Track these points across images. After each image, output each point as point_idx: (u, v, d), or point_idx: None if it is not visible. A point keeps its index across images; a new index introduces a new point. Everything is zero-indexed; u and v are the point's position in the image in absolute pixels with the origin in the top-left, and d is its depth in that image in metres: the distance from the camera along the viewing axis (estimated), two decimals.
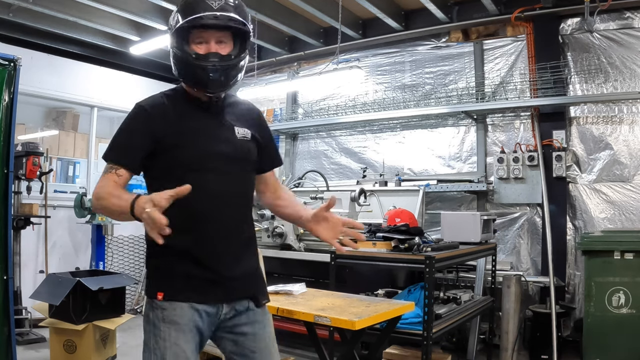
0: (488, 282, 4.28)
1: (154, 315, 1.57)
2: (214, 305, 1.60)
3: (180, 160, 1.58)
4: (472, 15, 5.01)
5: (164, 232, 1.28)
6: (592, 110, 4.54)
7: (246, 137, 1.68)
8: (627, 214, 4.33)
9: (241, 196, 1.68)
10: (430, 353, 2.90)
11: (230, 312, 1.63)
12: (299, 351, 4.17)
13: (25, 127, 6.10)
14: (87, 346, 3.74)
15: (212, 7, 1.53)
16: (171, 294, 1.56)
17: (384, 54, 5.74)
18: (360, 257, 3.28)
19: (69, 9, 5.03)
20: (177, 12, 1.58)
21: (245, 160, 1.69)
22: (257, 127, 1.75)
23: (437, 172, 5.29)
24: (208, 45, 1.57)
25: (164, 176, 1.58)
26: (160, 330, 1.54)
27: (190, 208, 1.51)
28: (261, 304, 1.70)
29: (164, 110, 1.61)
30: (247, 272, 1.68)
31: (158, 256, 1.59)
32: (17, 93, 3.38)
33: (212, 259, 1.59)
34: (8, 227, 3.34)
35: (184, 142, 1.59)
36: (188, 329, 1.55)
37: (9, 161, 3.31)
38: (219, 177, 1.60)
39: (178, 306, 1.55)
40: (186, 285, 1.56)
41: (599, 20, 4.45)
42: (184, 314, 1.55)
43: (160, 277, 1.60)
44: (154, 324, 1.56)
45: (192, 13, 1.53)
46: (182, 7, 1.57)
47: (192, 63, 1.56)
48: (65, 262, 5.39)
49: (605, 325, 3.61)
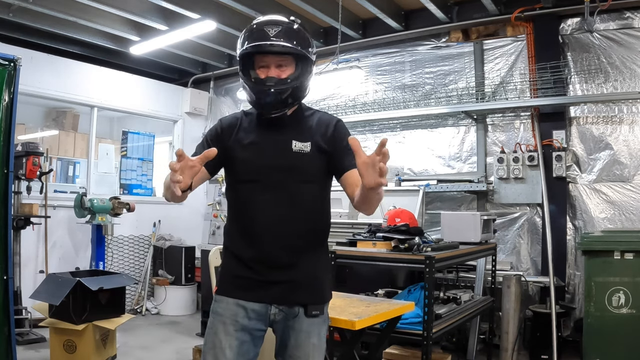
0: (488, 282, 4.28)
1: (212, 307, 1.77)
2: (262, 304, 1.70)
3: (233, 171, 1.77)
4: (472, 15, 5.01)
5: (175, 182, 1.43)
6: (592, 110, 4.54)
7: (303, 150, 1.74)
8: (627, 214, 4.33)
9: (293, 204, 1.72)
10: (430, 353, 2.89)
11: (280, 314, 1.71)
12: None
13: (25, 127, 6.11)
14: (87, 346, 3.74)
15: (269, 34, 1.66)
16: (222, 289, 1.76)
17: (384, 54, 5.74)
18: (360, 257, 3.28)
19: (69, 9, 5.03)
20: (241, 37, 1.72)
21: (298, 171, 1.73)
22: (326, 137, 1.76)
23: (437, 172, 5.29)
24: (268, 70, 1.69)
25: (228, 184, 1.82)
26: (210, 320, 1.74)
27: (241, 215, 1.75)
28: (310, 313, 1.71)
29: (235, 124, 1.80)
30: (298, 279, 1.72)
31: (222, 257, 1.86)
32: (17, 93, 3.38)
33: (259, 263, 1.70)
34: (8, 227, 3.34)
35: (237, 155, 1.75)
36: (230, 322, 1.69)
37: (9, 161, 3.31)
38: (267, 187, 1.71)
39: (225, 300, 1.72)
40: (234, 283, 1.73)
41: (599, 20, 4.45)
42: (229, 308, 1.70)
43: (220, 274, 1.82)
44: (211, 315, 1.76)
45: (251, 41, 1.67)
46: (245, 33, 1.72)
47: (251, 86, 1.71)
48: (65, 262, 5.39)
49: (605, 325, 3.61)
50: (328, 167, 1.77)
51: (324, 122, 1.81)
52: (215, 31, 5.51)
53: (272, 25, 1.69)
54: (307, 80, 1.76)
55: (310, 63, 1.75)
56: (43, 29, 5.40)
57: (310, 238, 1.76)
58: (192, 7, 4.96)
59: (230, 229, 1.80)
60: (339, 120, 1.84)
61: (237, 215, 1.77)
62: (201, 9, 5.04)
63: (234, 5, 4.90)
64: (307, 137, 1.76)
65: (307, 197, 1.75)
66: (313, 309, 1.72)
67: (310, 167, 1.75)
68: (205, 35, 5.65)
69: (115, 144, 6.62)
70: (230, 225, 1.81)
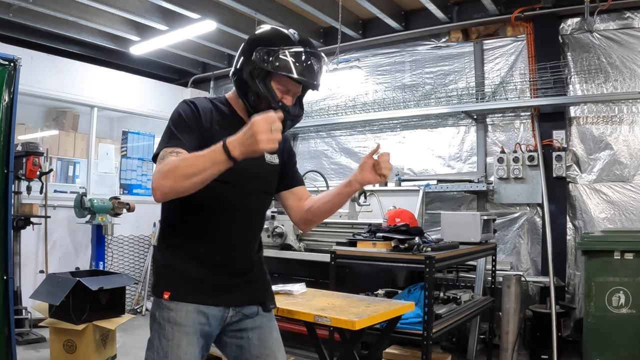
0: (488, 282, 4.28)
1: (160, 315, 1.59)
2: (221, 307, 1.64)
3: None
4: (472, 15, 5.01)
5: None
6: (592, 110, 4.54)
7: (273, 162, 1.76)
8: (627, 214, 4.33)
9: (259, 212, 1.76)
10: (430, 353, 2.90)
11: (236, 316, 1.68)
12: (299, 351, 4.16)
13: (25, 127, 6.11)
14: (87, 346, 3.74)
15: (315, 69, 1.60)
16: (178, 294, 1.58)
17: (384, 54, 5.74)
18: (360, 257, 3.28)
19: (69, 9, 5.03)
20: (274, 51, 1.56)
21: (268, 181, 1.76)
22: (286, 151, 1.84)
23: (437, 172, 5.29)
24: (288, 94, 1.63)
25: None
26: (165, 330, 1.57)
27: (210, 216, 1.61)
28: (269, 308, 1.75)
29: (210, 111, 1.63)
30: (257, 279, 1.75)
31: (169, 257, 1.63)
32: (17, 93, 3.38)
33: (223, 265, 1.64)
34: (8, 227, 3.33)
35: None
36: (192, 332, 1.58)
37: (9, 161, 3.31)
38: (240, 191, 1.65)
39: (184, 308, 1.57)
40: (194, 286, 1.59)
41: (599, 20, 4.45)
42: (190, 316, 1.57)
43: (168, 277, 1.61)
44: (160, 324, 1.59)
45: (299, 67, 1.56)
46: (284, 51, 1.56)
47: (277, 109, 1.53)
48: (65, 262, 5.38)
49: (605, 325, 3.61)
50: (281, 177, 1.82)
51: (284, 138, 1.79)
52: (215, 31, 5.51)
53: (316, 59, 1.61)
54: None
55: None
56: (43, 29, 5.40)
57: (259, 243, 1.81)
58: (192, 7, 4.96)
59: (191, 228, 1.61)
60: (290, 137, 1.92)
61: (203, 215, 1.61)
62: (201, 9, 5.04)
63: (234, 5, 4.90)
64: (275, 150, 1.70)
65: (266, 208, 1.82)
66: (270, 303, 1.77)
67: (274, 179, 1.79)
68: (205, 35, 5.65)
69: (115, 144, 6.62)
70: (189, 224, 1.62)
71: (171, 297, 1.58)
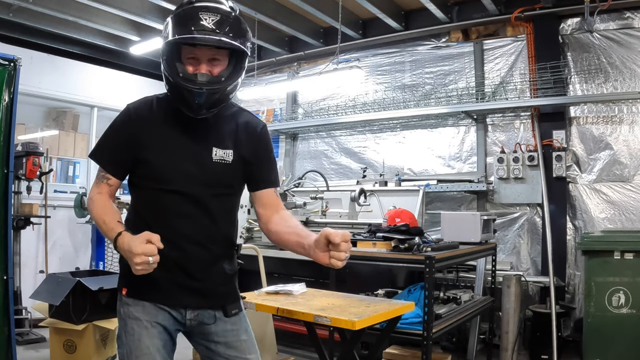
0: (488, 282, 4.28)
1: (123, 310, 1.62)
2: (177, 309, 1.61)
3: (147, 175, 1.58)
4: (472, 15, 5.01)
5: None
6: (592, 110, 4.54)
7: (224, 160, 1.61)
8: (627, 214, 4.33)
9: (212, 217, 1.61)
10: (430, 353, 2.89)
11: (195, 319, 1.64)
12: (299, 351, 4.17)
13: (25, 127, 6.09)
14: (87, 346, 3.73)
15: (206, 25, 1.43)
16: (135, 291, 1.60)
17: (384, 54, 5.74)
18: (360, 257, 3.28)
19: (69, 9, 5.03)
20: (170, 21, 1.50)
21: (218, 183, 1.61)
22: (251, 145, 1.66)
23: (437, 172, 5.29)
24: (199, 64, 1.49)
25: (140, 186, 1.62)
26: (127, 326, 1.59)
27: (157, 221, 1.56)
28: (230, 314, 1.67)
29: (149, 118, 1.59)
30: (211, 286, 1.64)
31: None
32: (17, 93, 3.37)
33: (177, 268, 1.58)
34: (8, 227, 3.33)
35: (153, 158, 1.57)
36: (151, 325, 1.58)
37: (9, 161, 3.30)
38: (181, 197, 1.57)
39: (141, 304, 1.59)
40: (150, 285, 1.56)
41: (599, 20, 4.45)
42: (148, 311, 1.59)
43: (127, 274, 1.56)
44: (123, 319, 1.61)
45: (185, 29, 1.44)
46: (176, 18, 1.48)
47: (178, 83, 1.48)
48: (65, 262, 5.38)
49: (605, 325, 3.61)
50: (246, 176, 1.68)
51: (249, 127, 1.67)
52: None
53: (210, 13, 1.44)
54: (241, 78, 1.57)
55: (245, 58, 1.55)
56: (43, 29, 5.39)
57: (225, 246, 1.68)
58: None
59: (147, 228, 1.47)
60: (264, 126, 1.72)
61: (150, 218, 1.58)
62: None
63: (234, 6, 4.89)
64: (228, 144, 1.61)
65: (225, 209, 1.66)
66: (232, 308, 1.68)
67: (229, 178, 1.63)
68: None
69: None
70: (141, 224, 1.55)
71: (128, 294, 1.60)
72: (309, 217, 4.38)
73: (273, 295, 2.65)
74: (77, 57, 5.95)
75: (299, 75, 6.26)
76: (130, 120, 1.60)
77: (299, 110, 6.31)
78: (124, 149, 1.59)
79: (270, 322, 3.54)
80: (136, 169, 1.60)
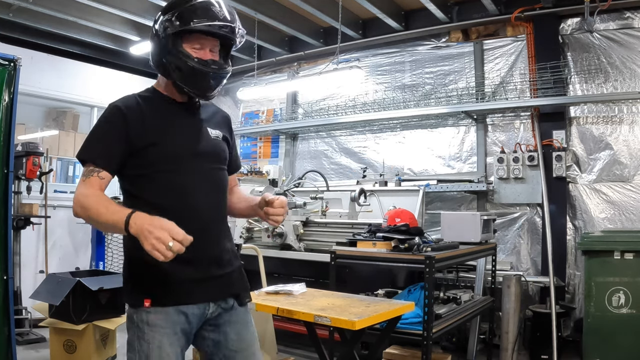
0: (488, 282, 4.28)
1: (137, 317, 1.56)
2: (201, 305, 1.62)
3: (158, 157, 1.58)
4: (472, 15, 5.01)
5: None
6: (592, 110, 4.54)
7: (219, 137, 1.75)
8: (627, 214, 4.33)
9: (222, 192, 1.73)
10: (430, 353, 2.89)
11: (216, 311, 1.66)
12: (299, 351, 4.17)
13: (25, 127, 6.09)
14: (87, 346, 3.74)
15: (219, 16, 1.57)
16: (158, 300, 1.55)
17: (384, 54, 5.74)
18: (360, 257, 3.28)
19: (69, 9, 5.03)
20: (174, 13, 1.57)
21: (221, 158, 1.74)
22: (227, 129, 1.83)
23: (437, 172, 5.29)
24: (205, 52, 1.61)
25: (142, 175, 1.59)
26: (144, 333, 1.54)
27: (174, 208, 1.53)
28: (244, 302, 1.72)
29: (140, 111, 1.61)
30: (231, 270, 1.70)
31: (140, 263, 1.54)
32: (17, 93, 3.38)
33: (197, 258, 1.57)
34: (8, 227, 3.33)
35: (163, 140, 1.59)
36: (172, 332, 1.56)
37: (9, 161, 3.31)
38: (199, 176, 1.63)
39: (163, 311, 1.55)
40: (173, 288, 1.56)
41: (599, 20, 4.45)
42: (169, 318, 1.56)
43: (147, 284, 1.56)
44: (138, 326, 1.56)
45: (201, 18, 1.55)
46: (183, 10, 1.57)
47: (195, 67, 1.58)
48: (65, 262, 5.39)
49: (605, 325, 3.61)
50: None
51: (221, 114, 1.84)
52: None
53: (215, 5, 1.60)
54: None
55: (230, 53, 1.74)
56: (43, 29, 5.39)
57: (227, 225, 1.75)
58: None
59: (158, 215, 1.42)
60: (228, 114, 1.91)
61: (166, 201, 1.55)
62: None
63: (233, 5, 4.89)
64: (215, 126, 1.76)
65: (225, 184, 1.76)
66: (245, 297, 1.73)
67: (224, 153, 1.76)
68: None
69: None
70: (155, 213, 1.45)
71: (153, 304, 1.55)
72: (309, 217, 4.38)
73: (273, 295, 2.65)
74: (77, 57, 5.96)
75: (299, 75, 6.26)
76: (121, 112, 1.59)
77: (299, 110, 6.31)
78: (118, 140, 1.56)
79: (270, 322, 3.54)
80: (146, 156, 1.58)
